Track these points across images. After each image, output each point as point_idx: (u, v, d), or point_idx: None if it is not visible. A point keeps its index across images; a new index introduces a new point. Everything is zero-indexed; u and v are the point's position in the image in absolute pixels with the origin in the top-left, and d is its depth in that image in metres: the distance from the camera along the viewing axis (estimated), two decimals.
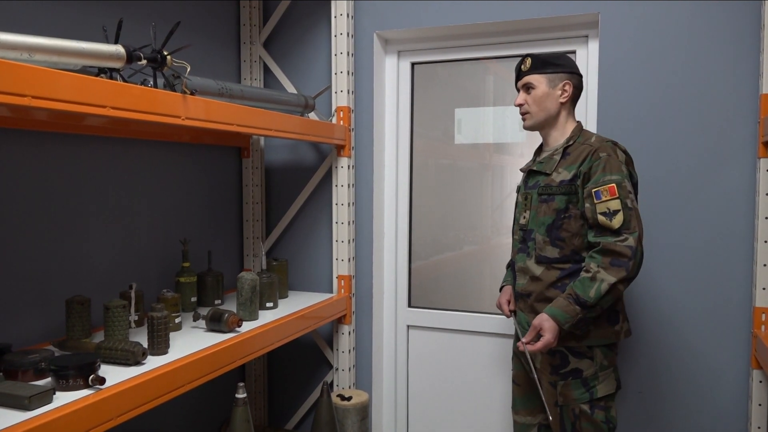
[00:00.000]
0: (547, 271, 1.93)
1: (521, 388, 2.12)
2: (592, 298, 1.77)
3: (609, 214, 1.81)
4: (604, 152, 1.86)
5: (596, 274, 1.78)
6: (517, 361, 2.13)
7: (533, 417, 2.10)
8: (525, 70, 1.99)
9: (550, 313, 1.81)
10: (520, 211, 2.06)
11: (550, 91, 1.96)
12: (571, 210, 1.90)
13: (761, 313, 2.11)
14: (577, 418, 1.91)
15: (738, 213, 2.18)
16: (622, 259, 1.78)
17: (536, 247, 1.95)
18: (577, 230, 1.89)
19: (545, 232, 1.93)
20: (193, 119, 1.77)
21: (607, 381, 1.91)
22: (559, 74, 1.96)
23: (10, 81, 1.25)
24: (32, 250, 1.90)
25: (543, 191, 1.95)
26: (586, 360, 1.89)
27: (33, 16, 1.87)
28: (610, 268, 1.78)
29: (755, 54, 2.14)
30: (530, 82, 1.98)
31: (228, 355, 1.88)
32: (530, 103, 1.98)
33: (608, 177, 1.83)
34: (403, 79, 2.81)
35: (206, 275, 2.38)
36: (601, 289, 1.76)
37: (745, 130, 2.16)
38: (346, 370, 2.70)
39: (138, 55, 1.64)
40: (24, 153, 1.86)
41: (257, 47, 2.84)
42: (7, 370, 1.53)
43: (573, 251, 1.90)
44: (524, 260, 2.00)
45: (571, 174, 1.89)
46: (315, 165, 2.83)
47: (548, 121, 1.99)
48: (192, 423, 2.62)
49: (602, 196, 1.82)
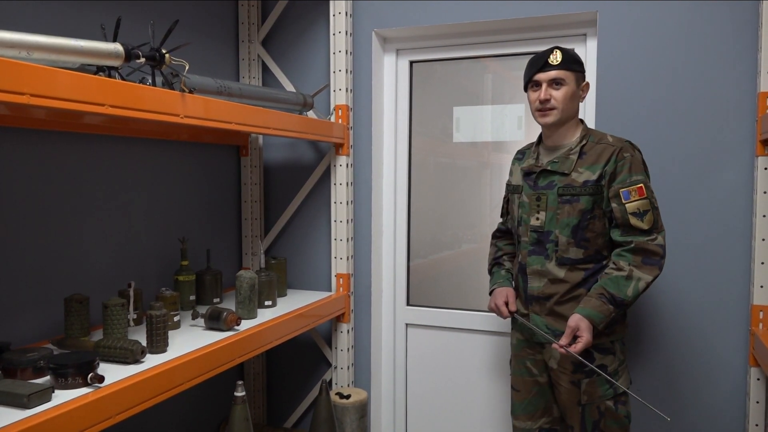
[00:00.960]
0: (570, 272, 1.91)
1: (520, 394, 2.09)
2: (629, 296, 1.77)
3: (640, 214, 1.81)
4: (627, 152, 1.86)
5: (631, 272, 1.78)
6: (518, 366, 2.09)
7: (533, 422, 2.08)
8: (555, 63, 1.88)
9: (585, 314, 1.79)
10: (529, 213, 1.98)
11: (575, 91, 1.92)
12: (595, 210, 1.88)
13: (759, 310, 2.11)
14: (602, 416, 1.90)
15: (736, 211, 2.19)
16: (654, 257, 1.80)
17: (558, 249, 1.92)
18: (600, 230, 1.89)
19: (570, 233, 1.90)
20: (191, 117, 1.77)
21: (624, 375, 1.93)
22: (582, 74, 1.95)
23: (9, 79, 1.25)
24: (31, 248, 1.90)
25: (564, 191, 1.90)
26: (610, 356, 1.90)
27: (31, 14, 1.87)
28: (643, 266, 1.79)
29: (753, 52, 2.14)
30: (561, 78, 1.88)
31: (227, 354, 1.89)
32: (559, 100, 1.88)
33: (635, 177, 1.84)
34: (402, 78, 2.81)
35: (205, 274, 2.38)
36: (639, 287, 1.78)
37: (743, 128, 2.17)
38: (344, 369, 2.70)
39: (136, 53, 1.64)
40: (22, 151, 1.86)
41: (256, 46, 2.84)
42: (6, 368, 1.53)
43: (596, 251, 1.91)
44: (542, 263, 1.94)
45: (596, 174, 1.87)
46: (313, 163, 2.83)
47: (568, 120, 1.95)
48: (191, 421, 2.62)
49: (631, 196, 1.82)
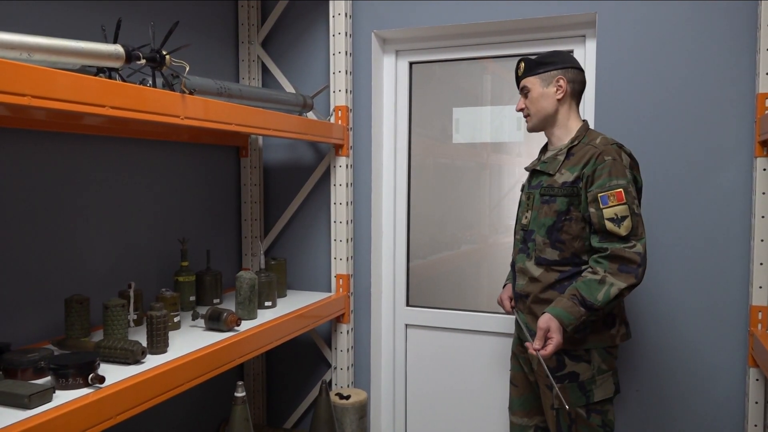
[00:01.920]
0: (546, 272, 1.92)
1: (519, 389, 2.11)
2: (600, 301, 1.74)
3: (617, 220, 1.78)
4: (608, 155, 1.83)
5: (605, 277, 1.75)
6: (515, 362, 2.12)
7: (530, 419, 2.09)
8: (520, 74, 2.02)
9: (554, 314, 1.77)
10: (522, 211, 2.05)
11: (544, 91, 1.96)
12: (572, 212, 1.87)
13: (758, 311, 2.12)
14: (573, 422, 1.90)
15: (735, 212, 2.19)
16: (631, 265, 1.76)
17: (536, 248, 1.93)
18: (577, 233, 1.87)
19: (545, 233, 1.91)
20: (191, 119, 1.77)
21: (604, 385, 1.89)
22: (551, 72, 1.95)
23: (10, 81, 1.26)
24: (31, 249, 1.90)
25: (545, 192, 1.93)
26: (583, 363, 1.87)
27: (32, 15, 1.87)
28: (619, 274, 1.75)
29: (752, 53, 2.15)
30: (525, 85, 2.00)
31: (227, 354, 1.89)
32: (528, 106, 2.00)
33: (615, 182, 1.80)
34: (401, 79, 2.81)
35: (205, 274, 2.38)
36: (610, 292, 1.74)
37: (741, 130, 2.17)
38: (344, 369, 2.70)
39: (137, 54, 1.64)
40: (22, 152, 1.87)
41: (255, 47, 2.84)
42: (7, 369, 1.53)
43: (573, 254, 1.88)
44: (524, 261, 1.98)
45: (573, 176, 1.87)
46: (313, 164, 2.83)
47: (548, 121, 1.98)
48: (191, 421, 2.62)
49: (609, 201, 1.79)
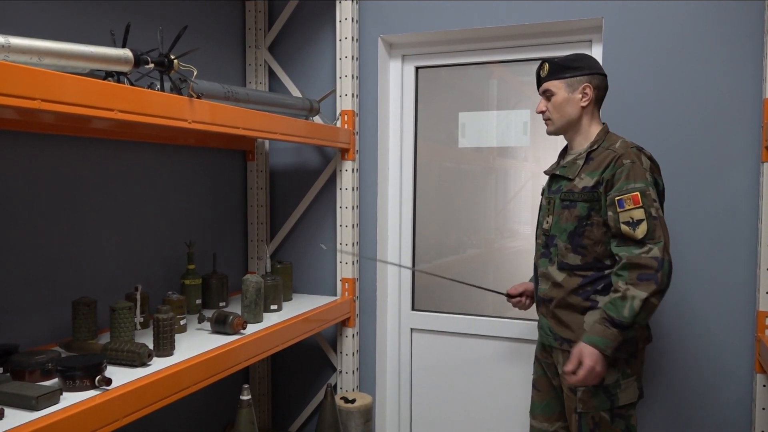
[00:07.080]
0: (569, 277, 1.90)
1: (541, 394, 2.08)
2: (627, 317, 1.71)
3: (632, 223, 1.76)
4: (628, 159, 1.81)
5: (626, 291, 1.72)
6: (538, 367, 2.10)
7: (550, 424, 2.06)
8: (543, 76, 1.96)
9: (588, 341, 1.75)
10: (543, 215, 2.02)
11: (569, 96, 1.92)
12: (593, 217, 1.85)
13: (765, 317, 2.10)
14: (596, 426, 1.87)
15: (741, 217, 2.18)
16: (648, 271, 1.72)
17: (558, 253, 1.92)
18: (599, 238, 1.85)
19: (567, 238, 1.90)
20: (199, 122, 1.79)
21: (629, 389, 1.86)
22: (578, 77, 1.91)
23: (20, 84, 1.27)
24: (39, 251, 1.91)
25: (565, 197, 1.91)
26: (610, 368, 1.83)
27: (42, 20, 1.89)
28: (639, 283, 1.72)
29: (759, 58, 2.14)
30: (549, 88, 1.94)
31: (232, 357, 1.90)
32: (551, 110, 1.95)
33: (632, 185, 1.78)
34: (408, 83, 2.82)
35: (211, 278, 2.39)
36: (634, 306, 1.71)
37: (748, 135, 2.17)
38: (349, 373, 2.70)
39: (145, 58, 1.66)
40: (31, 155, 1.88)
41: (262, 51, 2.86)
42: (15, 371, 1.54)
43: (595, 258, 1.87)
44: (546, 266, 1.96)
45: (593, 180, 1.85)
46: (319, 168, 2.84)
47: (570, 126, 1.95)
48: (197, 424, 2.62)
49: (625, 204, 1.77)
